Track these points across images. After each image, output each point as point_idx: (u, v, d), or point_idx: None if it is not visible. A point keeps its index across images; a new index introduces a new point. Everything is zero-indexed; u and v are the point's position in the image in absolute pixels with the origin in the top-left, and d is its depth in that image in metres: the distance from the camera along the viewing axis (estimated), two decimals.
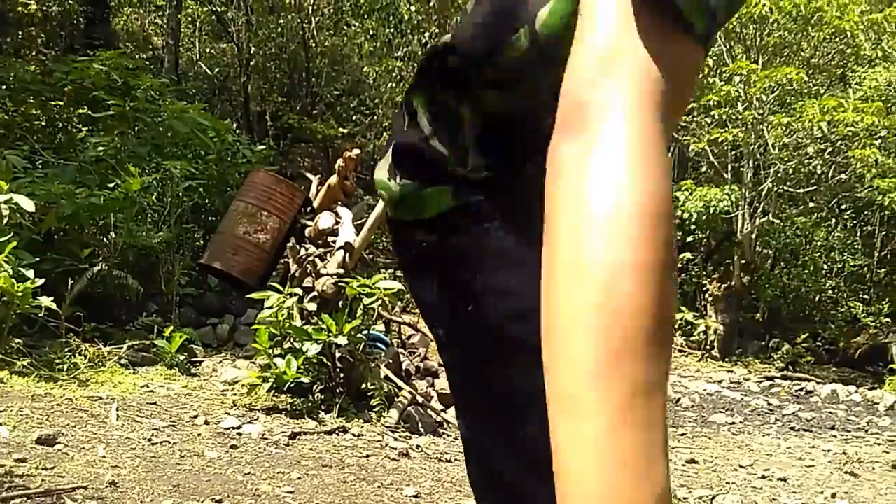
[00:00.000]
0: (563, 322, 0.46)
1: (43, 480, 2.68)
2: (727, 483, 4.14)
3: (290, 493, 2.98)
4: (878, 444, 5.64)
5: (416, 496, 3.21)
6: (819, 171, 10.01)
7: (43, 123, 6.74)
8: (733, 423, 6.44)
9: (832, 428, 6.32)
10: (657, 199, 0.46)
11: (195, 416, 3.98)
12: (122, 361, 4.72)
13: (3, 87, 6.60)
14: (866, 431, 6.23)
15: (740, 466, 4.69)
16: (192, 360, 5.14)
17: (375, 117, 12.39)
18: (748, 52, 9.95)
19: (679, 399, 7.10)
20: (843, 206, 11.35)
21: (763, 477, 4.37)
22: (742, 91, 9.50)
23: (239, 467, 3.25)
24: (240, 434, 3.82)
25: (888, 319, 9.78)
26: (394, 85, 11.48)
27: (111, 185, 5.71)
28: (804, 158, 9.85)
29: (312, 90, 12.49)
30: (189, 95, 10.68)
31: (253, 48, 11.79)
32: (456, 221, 0.78)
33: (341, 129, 11.82)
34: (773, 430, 6.28)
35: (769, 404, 7.25)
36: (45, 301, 4.39)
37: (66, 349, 4.56)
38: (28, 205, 4.61)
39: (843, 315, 10.92)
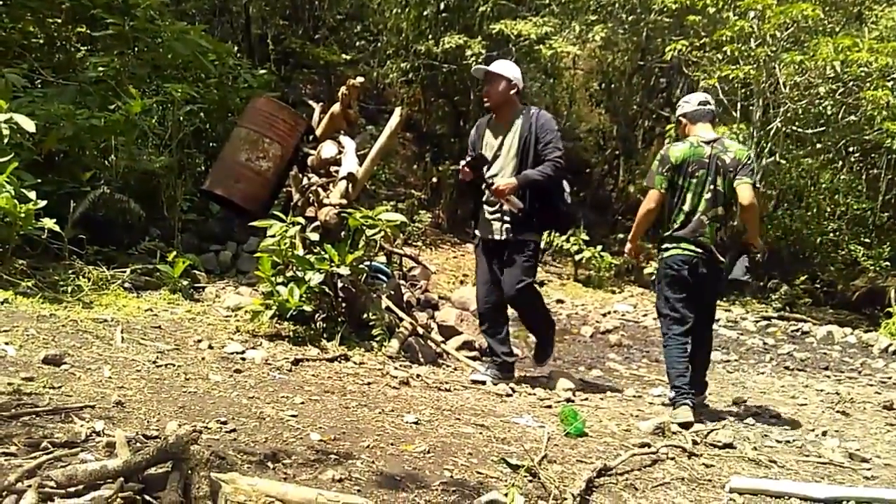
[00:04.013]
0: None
1: (51, 399, 2.72)
2: (721, 419, 4.21)
3: (294, 416, 3.02)
4: (871, 385, 5.73)
5: (416, 422, 3.27)
6: (829, 112, 9.81)
7: (41, 42, 6.58)
8: (728, 360, 6.53)
9: (826, 368, 6.41)
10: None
11: (199, 341, 4.02)
12: (126, 285, 4.74)
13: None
14: (859, 373, 6.32)
15: (734, 403, 4.77)
16: (195, 285, 5.16)
17: (379, 44, 12.10)
18: None
19: None
20: (850, 149, 11.17)
21: (756, 414, 4.45)
22: (756, 27, 9.25)
23: (243, 391, 3.30)
24: (243, 359, 3.87)
25: (888, 263, 9.77)
26: (398, 10, 11.15)
27: (112, 107, 5.62)
28: (815, 98, 9.64)
29: (315, 13, 12.16)
30: (189, 16, 10.38)
31: None
32: None
33: (344, 56, 11.55)
34: (767, 368, 6.37)
35: (765, 344, 7.33)
36: (48, 222, 4.38)
37: (70, 271, 4.57)
38: (28, 125, 4.55)
39: (843, 258, 10.90)
